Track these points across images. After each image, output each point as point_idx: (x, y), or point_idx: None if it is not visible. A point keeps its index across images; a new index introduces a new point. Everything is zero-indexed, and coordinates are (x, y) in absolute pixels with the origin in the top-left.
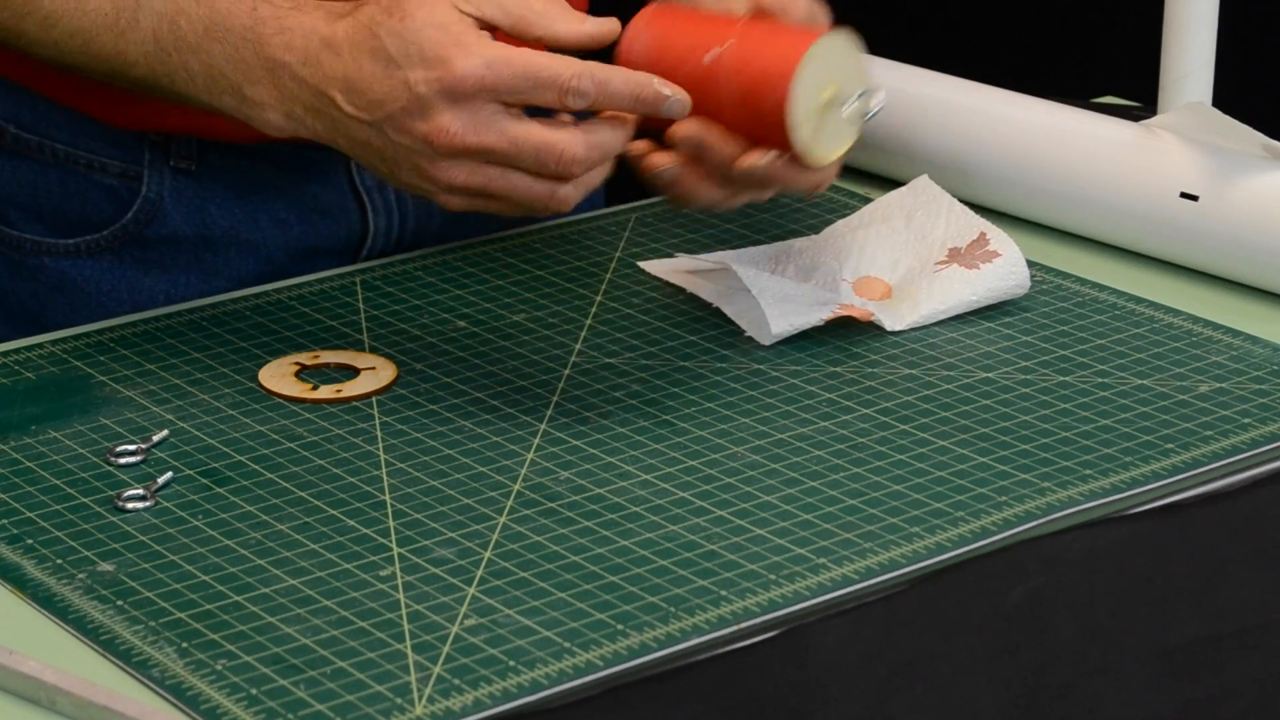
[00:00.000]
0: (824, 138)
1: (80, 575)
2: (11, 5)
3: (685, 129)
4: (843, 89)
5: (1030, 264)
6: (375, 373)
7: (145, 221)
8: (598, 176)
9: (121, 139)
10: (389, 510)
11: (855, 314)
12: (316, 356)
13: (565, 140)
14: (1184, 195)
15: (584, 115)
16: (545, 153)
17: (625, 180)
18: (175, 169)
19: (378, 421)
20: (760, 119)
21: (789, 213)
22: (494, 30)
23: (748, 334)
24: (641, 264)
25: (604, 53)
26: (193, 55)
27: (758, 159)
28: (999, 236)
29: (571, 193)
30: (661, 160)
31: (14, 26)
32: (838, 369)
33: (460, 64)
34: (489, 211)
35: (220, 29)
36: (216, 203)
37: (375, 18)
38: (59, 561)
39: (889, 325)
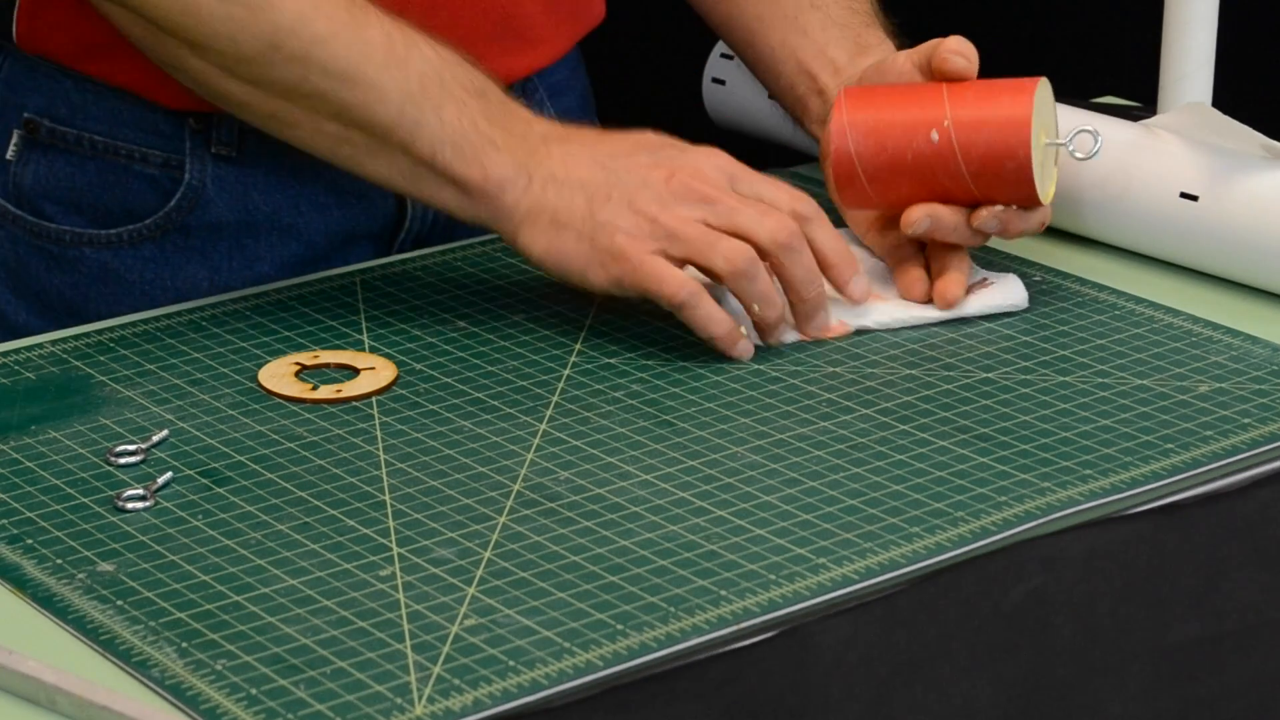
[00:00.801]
0: (1044, 179)
1: (80, 575)
2: (291, 48)
3: (917, 214)
4: (1049, 130)
5: (1030, 264)
6: (375, 373)
7: (188, 209)
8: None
9: (161, 127)
10: (389, 510)
11: (835, 331)
12: (316, 356)
13: (784, 217)
14: (1184, 195)
15: None
16: (769, 215)
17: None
18: (216, 155)
19: (378, 421)
20: (1001, 176)
21: None
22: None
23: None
24: None
25: (605, 50)
26: (451, 101)
27: (990, 214)
28: (1003, 279)
29: (747, 345)
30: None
31: (298, 73)
32: (838, 369)
33: (715, 150)
34: (635, 279)
35: (490, 94)
36: (259, 188)
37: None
38: (59, 561)
39: (864, 321)
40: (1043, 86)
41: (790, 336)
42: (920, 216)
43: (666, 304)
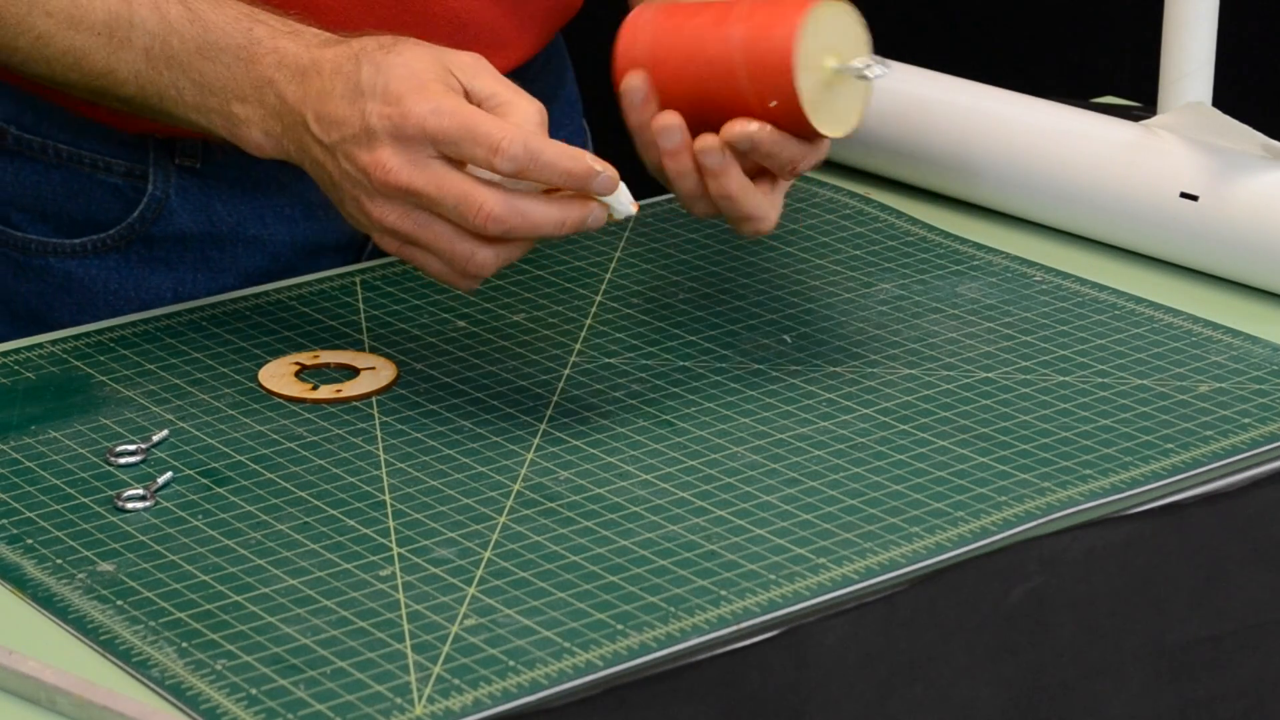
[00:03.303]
0: (826, 110)
1: (80, 575)
2: (5, 24)
3: (710, 140)
4: (846, 60)
5: (1030, 264)
6: (375, 373)
7: (151, 220)
8: (516, 251)
9: (125, 139)
10: (389, 510)
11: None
12: (316, 356)
13: (486, 196)
14: (1184, 195)
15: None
16: (465, 203)
17: (626, 180)
18: (180, 167)
19: (378, 421)
20: (765, 78)
21: (790, 213)
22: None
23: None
24: None
25: (604, 58)
26: (183, 73)
27: (742, 130)
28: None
29: (489, 258)
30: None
31: (7, 44)
32: (838, 369)
33: (411, 105)
34: (416, 265)
35: (213, 48)
36: (222, 200)
37: (364, 49)
38: (59, 561)
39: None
40: (837, 10)
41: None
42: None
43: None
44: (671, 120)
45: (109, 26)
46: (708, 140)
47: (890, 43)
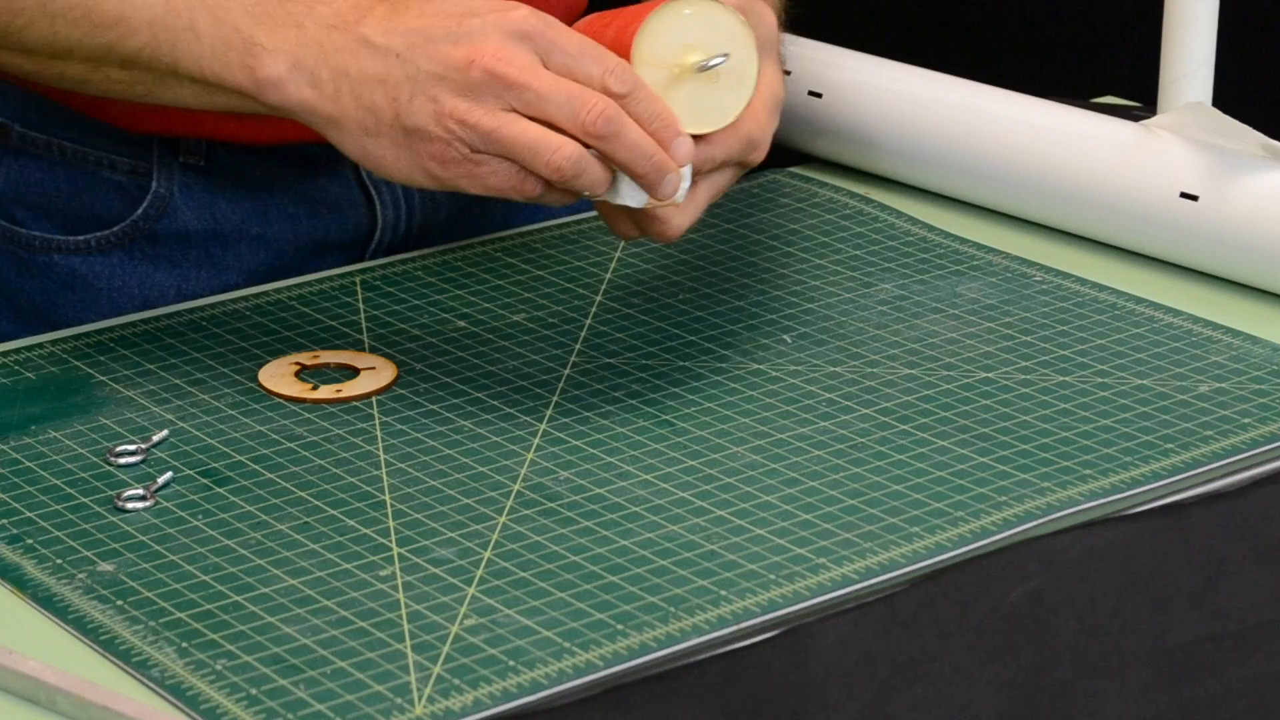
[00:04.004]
0: (690, 108)
1: (80, 575)
2: None
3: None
4: (709, 54)
5: (1030, 264)
6: (375, 373)
7: (155, 217)
8: (582, 184)
9: (130, 137)
10: (389, 510)
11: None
12: (316, 356)
13: (599, 98)
14: (1184, 195)
15: None
16: (578, 100)
17: None
18: (184, 165)
19: (378, 421)
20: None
21: (788, 213)
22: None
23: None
24: None
25: None
26: (205, 10)
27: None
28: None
29: (576, 152)
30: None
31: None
32: (838, 369)
33: (526, 11)
34: (477, 179)
35: None
36: (226, 198)
37: None
38: (59, 561)
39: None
40: (700, 8)
41: (636, 200)
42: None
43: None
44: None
45: None
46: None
47: (891, 43)
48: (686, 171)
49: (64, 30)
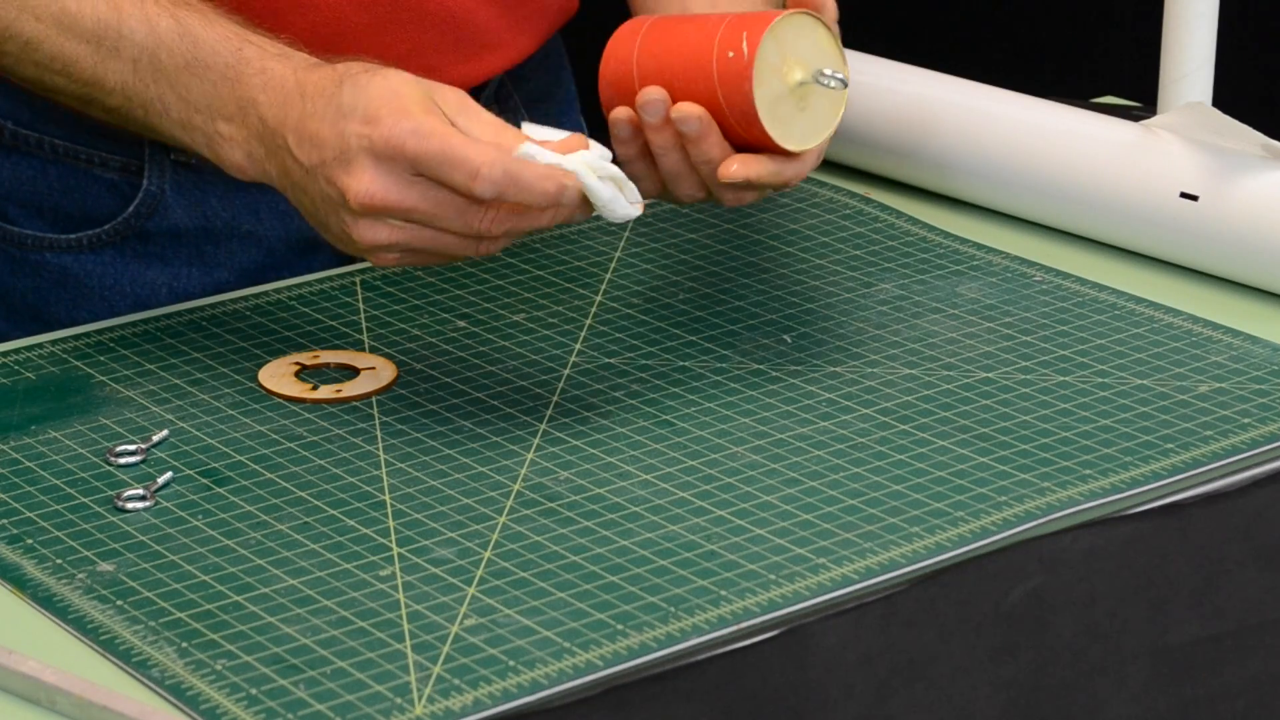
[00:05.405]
0: (797, 125)
1: (80, 575)
2: None
3: (688, 108)
4: (814, 72)
5: (1030, 264)
6: (375, 373)
7: (147, 215)
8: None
9: (121, 135)
10: (389, 510)
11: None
12: (316, 356)
13: (485, 214)
14: (1184, 195)
15: None
16: (469, 214)
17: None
18: (176, 163)
19: (378, 421)
20: (731, 105)
21: (788, 212)
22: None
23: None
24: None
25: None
26: (169, 88)
27: (738, 170)
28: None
29: (494, 218)
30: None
31: None
32: (838, 369)
33: (391, 125)
34: (422, 265)
35: (201, 65)
36: (217, 195)
37: (349, 71)
38: (59, 561)
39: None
40: (797, 18)
41: (627, 211)
42: (695, 112)
43: None
44: (655, 94)
45: (97, 35)
46: (685, 109)
47: (891, 43)
48: (611, 169)
49: (48, 77)
